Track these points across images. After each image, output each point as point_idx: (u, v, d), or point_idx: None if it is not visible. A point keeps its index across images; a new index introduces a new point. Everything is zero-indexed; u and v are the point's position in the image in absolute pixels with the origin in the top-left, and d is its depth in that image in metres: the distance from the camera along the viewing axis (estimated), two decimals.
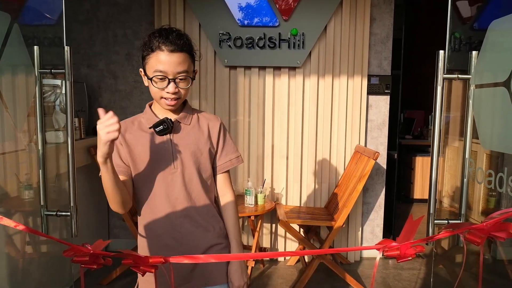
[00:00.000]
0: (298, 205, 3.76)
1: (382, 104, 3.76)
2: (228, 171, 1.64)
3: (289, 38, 3.56)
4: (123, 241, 3.87)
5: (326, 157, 3.72)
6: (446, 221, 2.14)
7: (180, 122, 1.53)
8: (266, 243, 3.83)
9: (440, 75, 1.96)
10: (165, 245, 1.53)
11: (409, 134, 6.11)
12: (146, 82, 1.49)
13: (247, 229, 3.81)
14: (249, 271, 3.22)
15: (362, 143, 3.72)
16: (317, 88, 3.66)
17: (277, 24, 3.55)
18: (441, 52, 1.94)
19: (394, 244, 1.17)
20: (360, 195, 3.75)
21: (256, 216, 3.33)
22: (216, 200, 1.65)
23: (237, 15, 3.55)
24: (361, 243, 3.85)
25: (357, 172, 3.27)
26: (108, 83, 3.82)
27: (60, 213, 2.16)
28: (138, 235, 1.62)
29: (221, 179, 1.63)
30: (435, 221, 2.10)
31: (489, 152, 1.96)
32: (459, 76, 1.97)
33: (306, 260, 3.62)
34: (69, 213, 2.12)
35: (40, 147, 2.14)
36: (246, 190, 3.38)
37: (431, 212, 2.09)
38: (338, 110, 3.68)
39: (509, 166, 1.74)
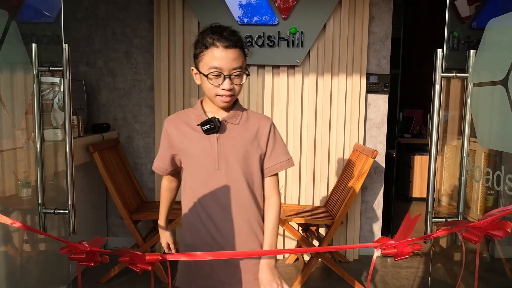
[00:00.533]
0: (297, 203, 3.77)
1: (381, 102, 3.76)
2: (276, 174, 1.59)
3: (288, 37, 3.56)
4: (121, 239, 3.87)
5: (325, 156, 3.72)
6: (444, 220, 2.14)
7: (228, 122, 1.51)
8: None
9: (438, 73, 1.96)
10: (206, 244, 1.48)
11: (408, 133, 6.12)
12: (198, 80, 1.50)
13: None
14: None
15: (361, 142, 3.72)
16: (316, 86, 3.66)
17: (276, 22, 3.55)
18: (439, 50, 1.94)
19: (391, 242, 1.17)
20: (359, 193, 3.75)
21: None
22: (262, 205, 1.59)
23: (236, 13, 3.55)
24: (360, 242, 3.85)
25: (355, 171, 3.27)
26: (106, 81, 3.81)
27: (58, 211, 2.16)
28: (182, 220, 1.62)
29: (268, 182, 1.58)
30: (433, 219, 2.10)
31: (487, 150, 1.96)
32: (457, 74, 1.97)
33: (305, 258, 3.62)
34: (67, 211, 2.12)
35: (38, 145, 2.14)
36: None
37: (429, 210, 2.09)
38: (337, 109, 3.68)
39: (506, 164, 1.74)
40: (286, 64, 3.62)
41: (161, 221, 1.76)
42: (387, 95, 3.76)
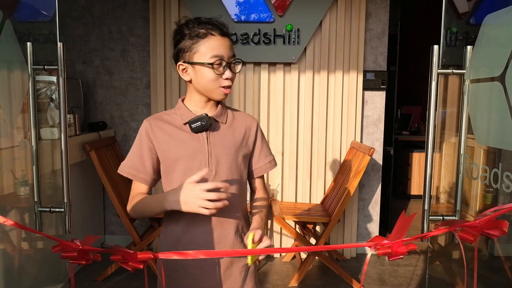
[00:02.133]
0: (294, 201, 3.76)
1: (378, 99, 3.75)
2: (263, 179, 1.55)
3: (284, 34, 3.55)
4: (119, 238, 3.86)
5: (321, 153, 3.71)
6: (441, 218, 2.13)
7: (217, 120, 1.43)
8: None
9: (435, 70, 1.95)
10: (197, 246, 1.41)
11: (406, 130, 6.11)
12: (188, 75, 1.39)
13: None
14: None
15: (358, 139, 3.72)
16: (313, 83, 3.65)
17: (272, 19, 3.54)
18: (435, 47, 1.93)
19: (385, 242, 1.16)
20: (356, 191, 3.75)
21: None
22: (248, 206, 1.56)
23: (232, 10, 3.53)
24: (357, 240, 3.85)
25: (352, 168, 3.26)
26: (103, 79, 3.80)
27: (54, 209, 2.15)
28: (161, 233, 1.53)
29: (257, 182, 1.54)
30: (430, 218, 2.09)
31: (486, 148, 1.96)
32: (454, 71, 1.96)
33: (302, 256, 3.62)
34: (62, 209, 2.12)
35: (33, 143, 2.13)
36: None
37: (425, 208, 2.08)
38: (333, 106, 3.67)
39: (503, 161, 1.74)
40: (282, 61, 3.61)
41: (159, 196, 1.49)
42: (384, 92, 3.75)
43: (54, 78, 2.90)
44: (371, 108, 3.76)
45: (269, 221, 3.82)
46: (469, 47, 1.93)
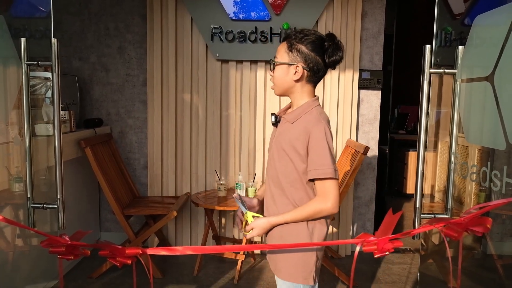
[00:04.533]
0: None
1: (373, 98, 3.76)
2: (321, 180, 1.54)
3: (280, 32, 3.55)
4: (114, 235, 3.87)
5: None
6: (433, 215, 2.14)
7: (285, 119, 1.64)
8: (256, 237, 3.84)
9: (427, 69, 1.96)
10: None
11: (403, 129, 6.12)
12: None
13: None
14: (239, 265, 3.23)
15: (354, 138, 3.73)
16: None
17: (269, 18, 3.55)
18: (428, 46, 1.94)
19: (372, 238, 1.17)
20: (351, 189, 3.77)
21: None
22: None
23: (229, 8, 3.54)
24: (352, 238, 3.87)
25: (347, 167, 3.27)
26: (99, 76, 3.80)
27: (47, 206, 2.15)
28: None
29: (315, 185, 1.58)
30: (421, 216, 2.10)
31: (478, 147, 1.97)
32: (445, 70, 1.97)
33: None
34: (55, 206, 2.12)
35: (26, 139, 2.13)
36: (236, 183, 3.39)
37: (417, 206, 2.10)
38: (329, 105, 3.68)
39: (493, 160, 1.75)
40: None
41: None
42: (380, 91, 3.76)
43: (49, 74, 2.90)
44: (367, 107, 3.78)
45: None
46: (460, 47, 1.94)
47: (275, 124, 1.69)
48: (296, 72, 1.56)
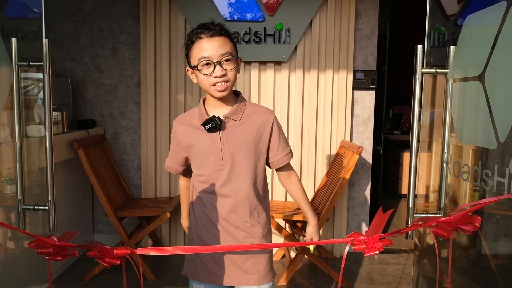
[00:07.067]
0: (284, 200, 3.77)
1: (367, 99, 3.77)
2: (286, 165, 1.70)
3: (274, 33, 3.55)
4: (107, 237, 3.85)
5: (311, 152, 3.72)
6: (425, 215, 2.15)
7: (230, 119, 1.54)
8: None
9: (419, 69, 1.97)
10: (212, 235, 1.58)
11: (398, 129, 6.14)
12: (194, 78, 1.52)
13: None
14: None
15: (348, 138, 3.73)
16: (303, 83, 3.66)
17: (262, 19, 3.54)
18: (419, 46, 1.95)
19: (362, 237, 1.17)
20: (345, 190, 3.77)
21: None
22: (264, 197, 1.71)
23: (223, 9, 3.54)
24: None
25: (341, 167, 3.27)
26: (93, 77, 3.79)
27: (38, 207, 2.14)
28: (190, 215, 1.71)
29: (280, 174, 1.73)
30: (414, 215, 2.10)
31: (467, 146, 1.97)
32: (437, 70, 1.98)
33: (291, 255, 3.62)
34: (47, 207, 2.10)
35: (17, 140, 2.12)
36: None
37: (410, 206, 2.10)
38: (323, 105, 3.68)
39: (484, 160, 1.75)
40: (273, 61, 3.61)
41: (184, 221, 1.86)
42: (374, 91, 3.76)
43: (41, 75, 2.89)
44: (361, 107, 3.78)
45: None
46: (452, 47, 1.95)
47: (213, 129, 1.50)
48: (239, 65, 1.54)
